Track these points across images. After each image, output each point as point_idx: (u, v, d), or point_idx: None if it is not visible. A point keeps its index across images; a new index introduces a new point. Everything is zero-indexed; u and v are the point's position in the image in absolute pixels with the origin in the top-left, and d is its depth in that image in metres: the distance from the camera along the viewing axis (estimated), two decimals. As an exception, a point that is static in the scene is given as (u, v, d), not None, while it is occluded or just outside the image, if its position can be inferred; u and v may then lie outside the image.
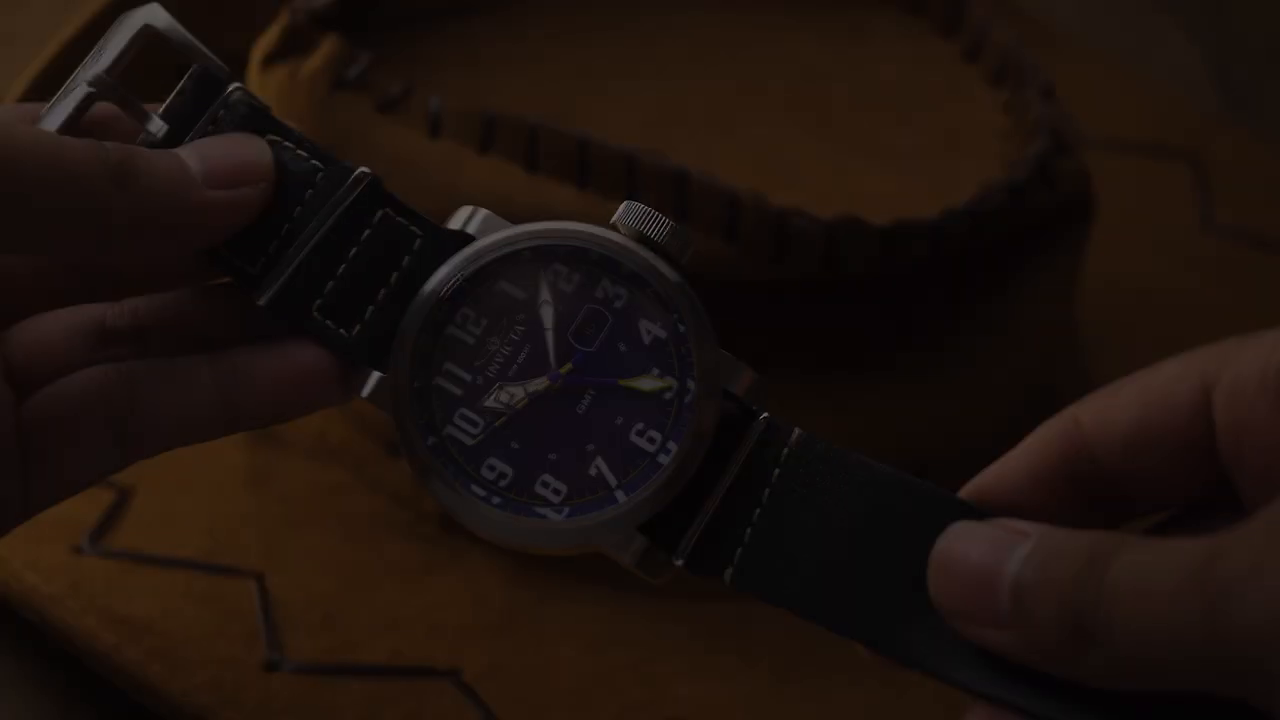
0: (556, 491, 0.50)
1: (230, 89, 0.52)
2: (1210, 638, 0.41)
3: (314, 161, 0.51)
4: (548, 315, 0.51)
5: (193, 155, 0.50)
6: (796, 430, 0.50)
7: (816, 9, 0.77)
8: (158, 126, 0.51)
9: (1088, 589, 0.43)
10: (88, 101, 0.50)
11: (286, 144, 0.51)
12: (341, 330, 0.50)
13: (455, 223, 0.52)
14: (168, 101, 0.51)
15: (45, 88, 0.74)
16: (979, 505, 0.48)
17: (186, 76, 0.51)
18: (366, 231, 0.51)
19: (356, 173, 0.51)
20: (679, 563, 0.50)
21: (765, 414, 0.50)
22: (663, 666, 0.64)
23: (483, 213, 0.51)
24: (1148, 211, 0.84)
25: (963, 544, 0.46)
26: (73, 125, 0.50)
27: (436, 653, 0.63)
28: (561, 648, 0.64)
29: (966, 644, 0.46)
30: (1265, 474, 0.45)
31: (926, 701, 0.63)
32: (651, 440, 0.50)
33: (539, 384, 0.50)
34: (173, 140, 0.51)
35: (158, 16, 0.52)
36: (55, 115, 0.50)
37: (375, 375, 0.50)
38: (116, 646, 0.60)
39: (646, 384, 0.50)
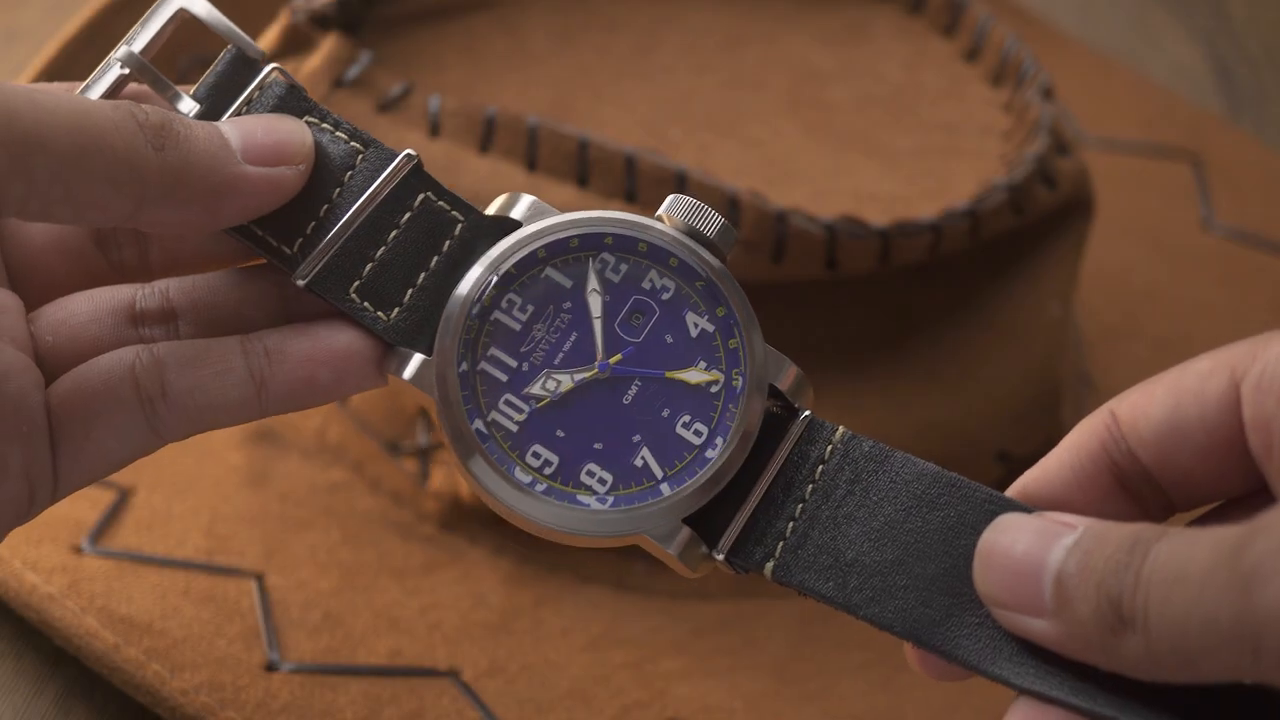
0: (602, 481, 0.50)
1: (267, 70, 0.51)
2: (1239, 619, 0.41)
3: (354, 144, 0.51)
4: (595, 304, 0.50)
5: (232, 130, 0.50)
6: (840, 428, 0.50)
7: (816, 9, 0.77)
8: (189, 107, 0.51)
9: (1126, 576, 0.43)
10: (120, 82, 0.50)
11: (325, 126, 0.51)
12: (380, 313, 0.50)
13: (495, 208, 0.51)
14: (200, 81, 0.51)
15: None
16: (1022, 496, 0.48)
17: (220, 57, 0.51)
18: (407, 215, 0.51)
19: (400, 156, 0.51)
20: (719, 557, 0.50)
21: (808, 411, 0.50)
22: (663, 666, 0.64)
23: (528, 198, 0.51)
24: (1148, 211, 0.84)
25: (1009, 535, 0.46)
26: None
27: (436, 653, 0.63)
28: (561, 648, 0.64)
29: (1009, 639, 0.46)
30: None
31: (926, 701, 0.63)
32: (698, 433, 0.50)
33: (586, 373, 0.50)
34: (206, 120, 0.50)
35: (194, 1, 0.52)
36: (88, 94, 0.50)
37: (417, 358, 0.50)
38: (116, 646, 0.60)
39: (693, 376, 0.50)
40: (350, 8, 0.70)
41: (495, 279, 0.50)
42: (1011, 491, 0.49)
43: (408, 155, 0.51)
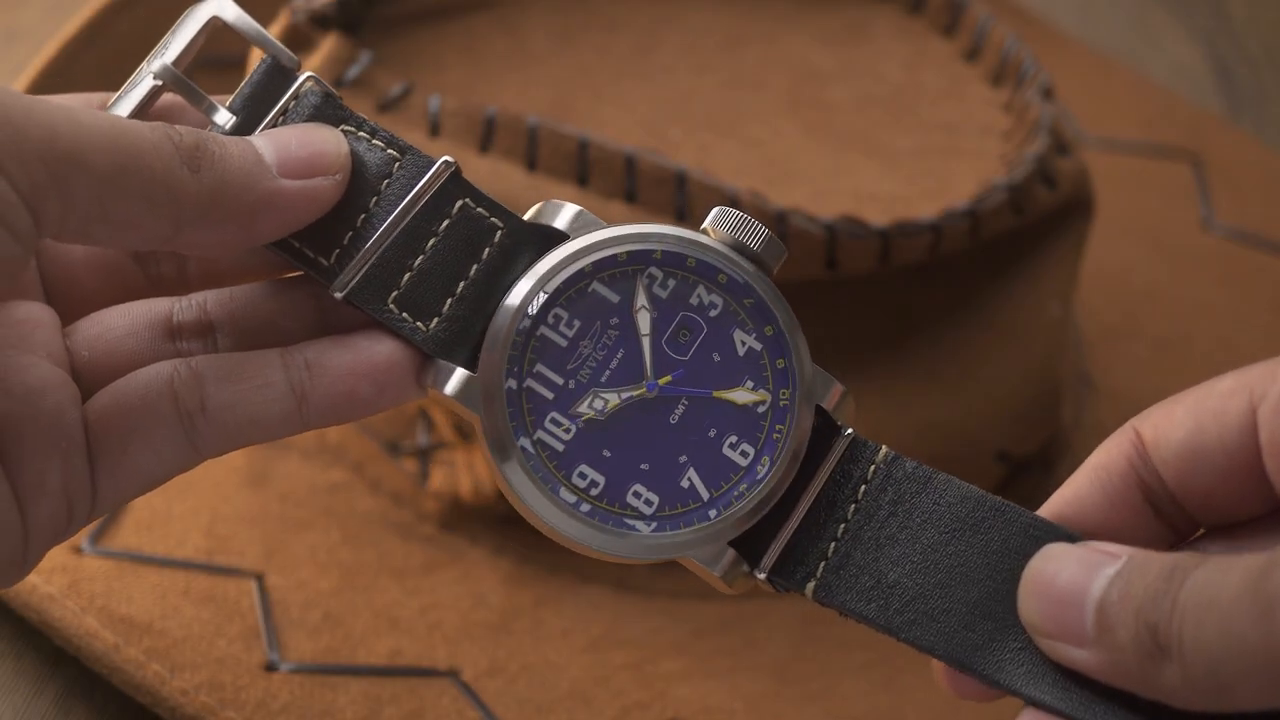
0: (649, 503, 0.49)
1: (302, 79, 0.50)
2: (1267, 646, 0.41)
3: (390, 151, 0.50)
4: (644, 321, 0.50)
5: (267, 144, 0.49)
6: (884, 448, 0.50)
7: (816, 9, 0.77)
8: (225, 118, 0.50)
9: (1163, 603, 0.43)
10: (154, 94, 0.50)
11: (361, 134, 0.50)
12: (419, 324, 0.49)
13: (533, 214, 0.51)
14: (236, 92, 0.50)
15: (47, 86, 0.74)
16: (1059, 524, 0.48)
17: (255, 67, 0.50)
18: (445, 222, 0.50)
19: (439, 163, 0.50)
20: (761, 576, 0.49)
21: (850, 430, 0.50)
22: (663, 666, 0.64)
23: (573, 208, 0.50)
24: (1148, 211, 0.84)
25: (1054, 565, 0.46)
26: (138, 118, 0.49)
27: (436, 653, 0.63)
28: (562, 648, 0.64)
29: (1051, 665, 0.46)
30: None
31: (927, 702, 0.63)
32: (744, 454, 0.49)
33: (634, 392, 0.49)
34: (241, 132, 0.50)
35: (225, 9, 0.51)
36: (120, 108, 0.49)
37: (459, 373, 0.49)
38: (116, 646, 0.60)
39: (740, 396, 0.50)
40: (350, 8, 0.70)
41: (544, 296, 0.49)
42: (1044, 513, 0.49)
43: (445, 162, 0.50)
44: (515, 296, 0.49)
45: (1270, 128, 0.90)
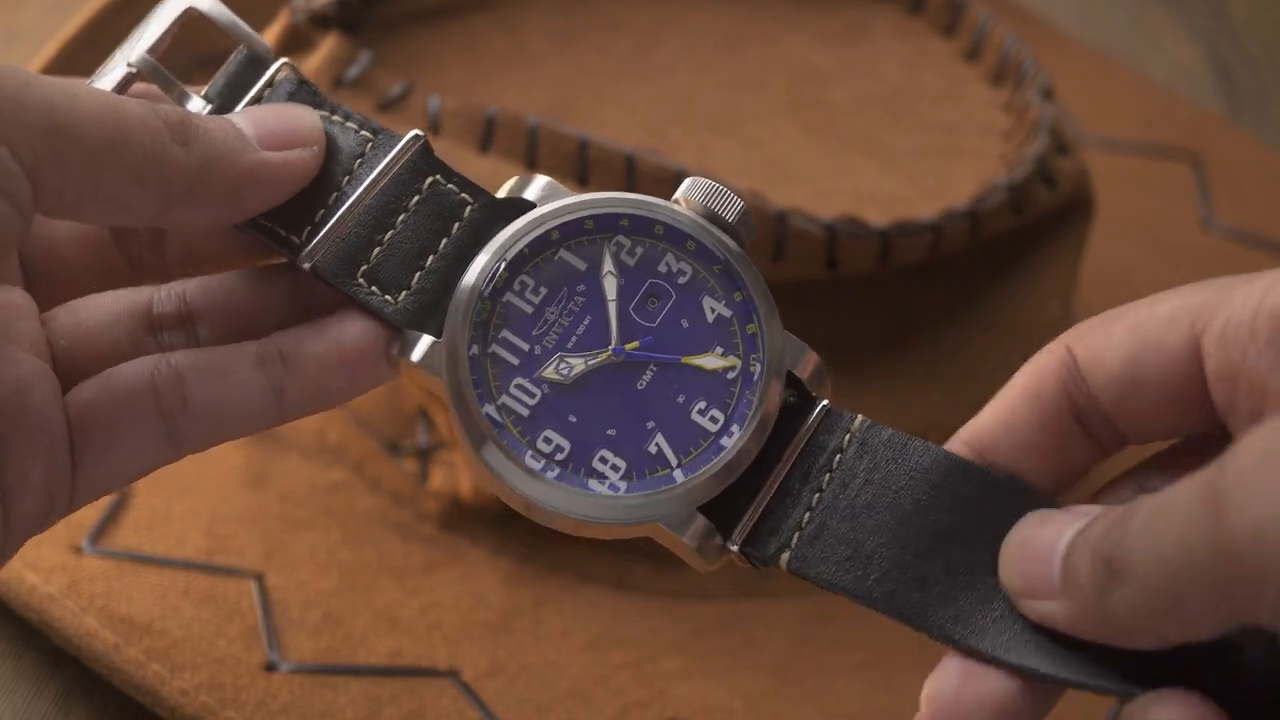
0: (615, 468, 0.49)
1: (276, 66, 0.51)
2: (1216, 546, 0.41)
3: (364, 132, 0.51)
4: (610, 287, 0.50)
5: (244, 120, 0.49)
6: (859, 417, 0.50)
7: (816, 9, 0.77)
8: (199, 106, 0.50)
9: (1116, 534, 0.43)
10: (127, 81, 0.50)
11: (335, 118, 0.51)
12: (387, 297, 0.49)
13: (506, 190, 0.51)
14: (211, 82, 0.51)
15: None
16: (975, 443, 0.48)
17: (230, 58, 0.51)
18: (415, 198, 0.50)
19: (407, 137, 0.50)
20: (734, 548, 0.49)
21: (825, 401, 0.50)
22: (663, 666, 0.64)
23: (542, 179, 0.51)
24: (1148, 211, 0.84)
25: (1032, 528, 0.46)
26: None
27: (436, 653, 0.63)
28: (561, 648, 0.64)
29: (1030, 630, 0.46)
30: (1259, 418, 0.45)
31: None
32: (714, 420, 0.49)
33: (600, 357, 0.49)
34: None
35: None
36: None
37: (426, 340, 0.49)
38: (116, 646, 0.60)
39: (710, 362, 0.50)
40: (350, 8, 0.70)
41: (504, 263, 0.49)
42: (973, 428, 0.48)
43: (415, 135, 0.50)
44: (477, 263, 0.49)
45: (1270, 128, 0.90)
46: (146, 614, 0.61)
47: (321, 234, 0.50)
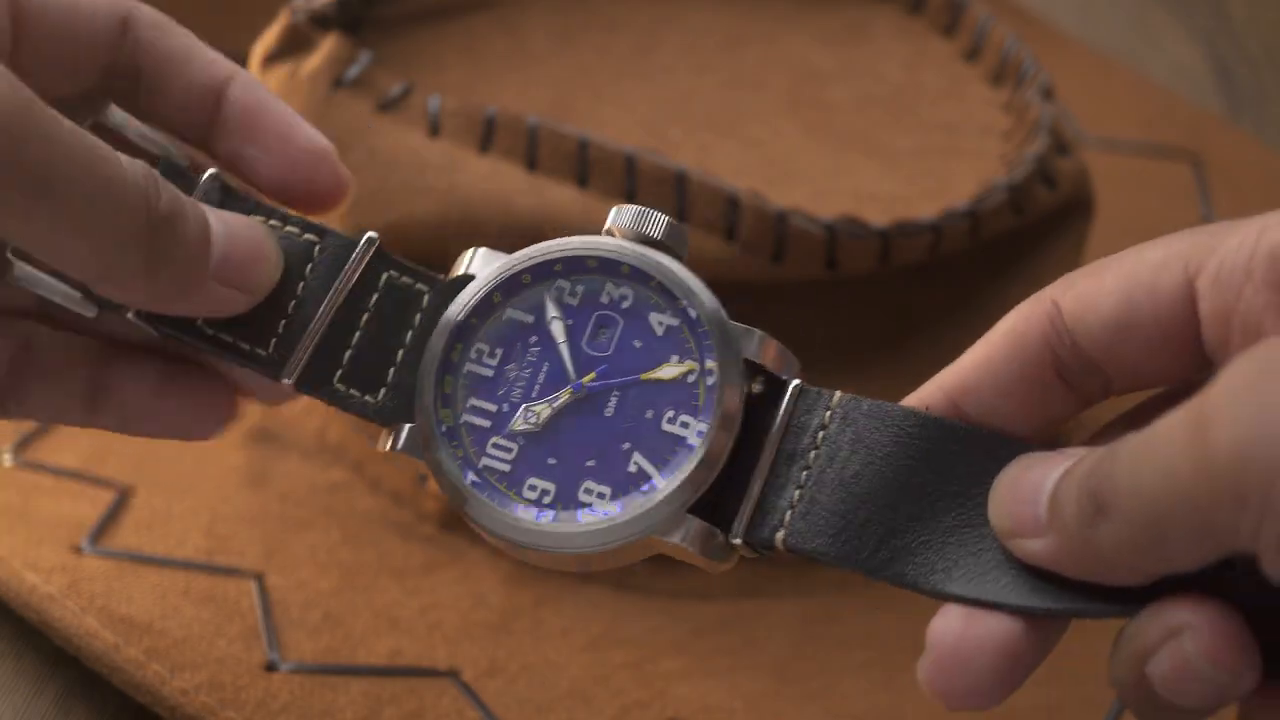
0: (600, 495, 0.50)
1: (202, 178, 0.52)
2: (1199, 468, 0.41)
3: (308, 236, 0.52)
4: (559, 330, 0.51)
5: (221, 235, 0.50)
6: (838, 392, 0.50)
7: (816, 9, 0.77)
8: None
9: (1104, 467, 0.43)
10: None
11: (272, 222, 0.52)
12: (367, 398, 0.51)
13: (458, 270, 0.52)
14: None
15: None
16: (953, 390, 0.48)
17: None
18: (374, 296, 0.52)
19: (362, 243, 0.52)
20: (737, 541, 0.49)
21: (796, 381, 0.50)
22: (663, 666, 0.64)
23: (480, 251, 0.52)
24: (1148, 211, 0.84)
25: (1021, 470, 0.46)
26: None
27: (436, 653, 0.63)
28: (561, 648, 0.64)
29: (1024, 575, 0.46)
30: None
31: (927, 701, 0.63)
32: (684, 425, 0.50)
33: (563, 397, 0.50)
34: None
35: (114, 114, 0.52)
36: None
37: (407, 427, 0.51)
38: (116, 646, 0.60)
39: (668, 372, 0.50)
40: (350, 8, 0.70)
41: (449, 336, 0.51)
42: (954, 370, 0.49)
43: (369, 240, 0.52)
44: (433, 345, 0.51)
45: (1270, 128, 0.90)
46: (146, 614, 0.61)
47: (295, 349, 0.51)
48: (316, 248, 0.52)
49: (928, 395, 0.49)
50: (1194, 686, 0.43)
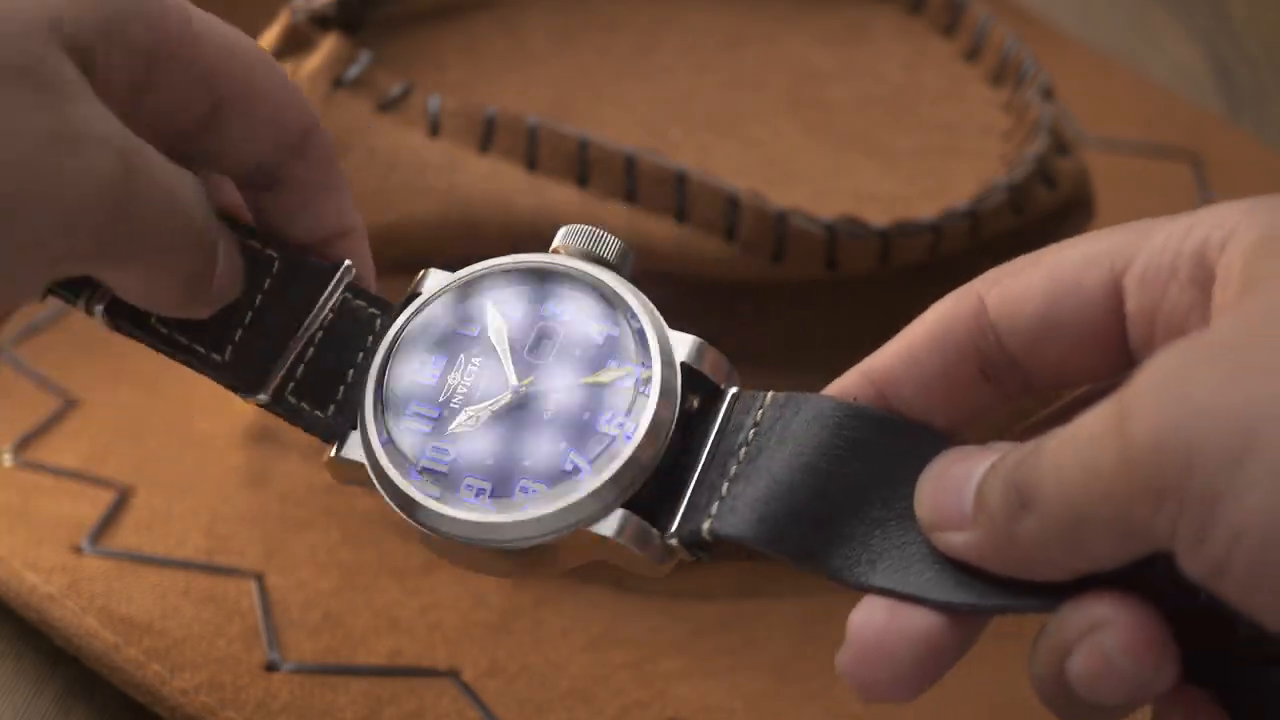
0: (535, 491, 0.50)
1: None
2: (1118, 460, 0.41)
3: (269, 251, 0.52)
4: (500, 339, 0.51)
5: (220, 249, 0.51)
6: (771, 392, 0.50)
7: (816, 9, 0.77)
8: None
9: (1029, 460, 0.43)
10: None
11: (234, 236, 0.52)
12: (317, 412, 0.52)
13: (411, 291, 0.53)
14: None
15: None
16: (877, 378, 0.48)
17: None
18: (331, 317, 0.52)
19: (341, 267, 0.52)
20: (673, 541, 0.49)
21: (735, 389, 0.50)
22: (663, 666, 0.64)
23: (431, 271, 0.53)
24: (1148, 211, 0.84)
25: (947, 463, 0.46)
26: None
27: (436, 653, 0.63)
28: (561, 648, 0.64)
29: (943, 566, 0.46)
30: None
31: (925, 700, 0.63)
32: (620, 425, 0.50)
33: (503, 400, 0.51)
34: None
35: None
36: None
37: (352, 435, 0.51)
38: (116, 646, 0.60)
39: (606, 376, 0.51)
40: (350, 8, 0.70)
41: (389, 346, 0.51)
42: (876, 360, 0.48)
43: (345, 266, 0.52)
44: (376, 358, 0.52)
45: (1270, 128, 0.90)
46: (146, 614, 0.61)
47: (272, 368, 0.52)
48: (276, 264, 0.52)
49: (852, 384, 0.49)
50: (1112, 683, 0.43)
